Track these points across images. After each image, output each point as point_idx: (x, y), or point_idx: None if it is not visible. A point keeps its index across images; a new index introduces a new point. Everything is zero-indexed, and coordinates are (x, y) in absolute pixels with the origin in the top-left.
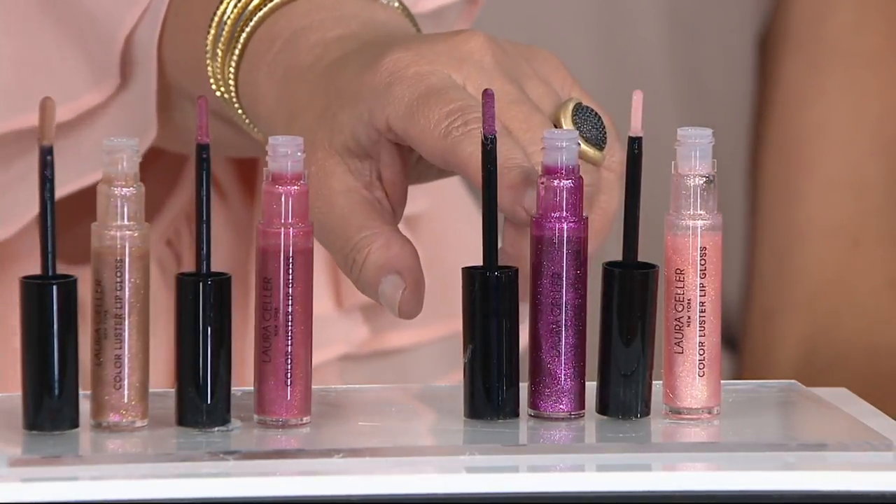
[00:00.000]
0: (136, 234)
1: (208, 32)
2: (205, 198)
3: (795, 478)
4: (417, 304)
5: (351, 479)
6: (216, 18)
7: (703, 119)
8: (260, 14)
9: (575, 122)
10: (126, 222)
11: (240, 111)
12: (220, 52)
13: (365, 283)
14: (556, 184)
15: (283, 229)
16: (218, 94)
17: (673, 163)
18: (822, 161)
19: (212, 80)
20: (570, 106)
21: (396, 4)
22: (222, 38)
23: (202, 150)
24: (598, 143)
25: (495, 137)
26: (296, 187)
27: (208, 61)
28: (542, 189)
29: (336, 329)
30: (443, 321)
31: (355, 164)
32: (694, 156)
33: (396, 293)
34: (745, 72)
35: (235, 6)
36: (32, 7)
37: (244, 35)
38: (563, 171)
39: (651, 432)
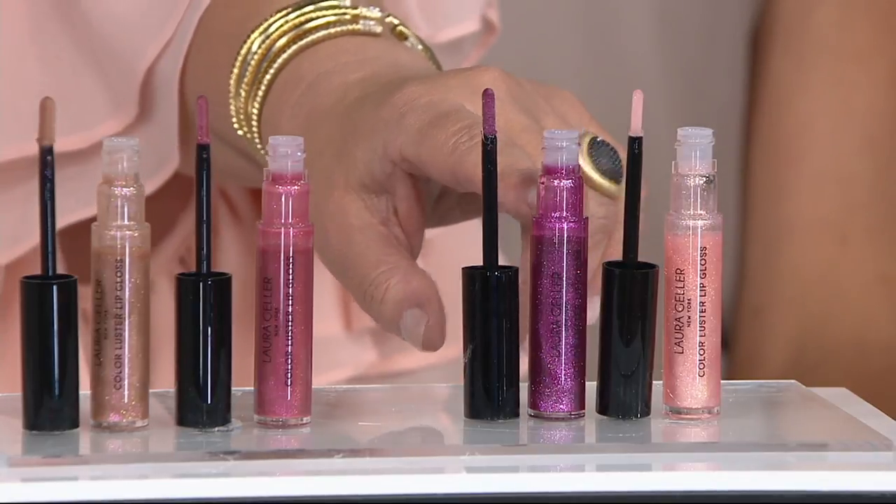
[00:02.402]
0: (136, 234)
1: (231, 71)
2: (205, 198)
3: (795, 478)
4: (440, 336)
5: (351, 479)
6: (240, 58)
7: (695, 116)
8: (284, 56)
9: (591, 156)
10: (126, 222)
11: (262, 151)
12: (243, 92)
13: (385, 319)
14: (556, 184)
15: (283, 229)
16: (241, 132)
17: (673, 163)
18: (811, 156)
19: (234, 119)
20: (587, 139)
21: (420, 47)
22: (246, 78)
23: (202, 150)
24: (616, 176)
25: (495, 138)
26: (296, 187)
27: (231, 100)
28: (542, 189)
29: (345, 352)
30: (452, 344)
31: (371, 199)
32: (694, 156)
33: (419, 327)
34: (736, 69)
35: (260, 46)
36: (52, 37)
37: (268, 76)
38: (563, 171)
39: (651, 432)
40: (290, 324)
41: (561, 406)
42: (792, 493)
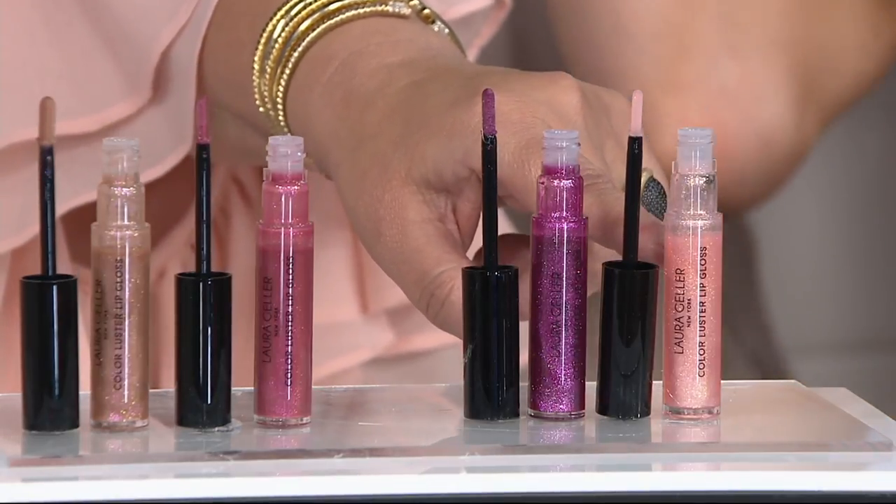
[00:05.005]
0: (136, 234)
1: (256, 49)
2: (205, 198)
3: (795, 478)
4: None
5: (351, 479)
6: (265, 36)
7: None
8: (313, 35)
9: (643, 197)
10: (126, 222)
11: (285, 129)
12: (268, 70)
13: (448, 319)
14: (556, 184)
15: (283, 229)
16: (262, 109)
17: (673, 163)
18: None
19: (256, 96)
20: (644, 178)
21: (447, 31)
22: (272, 56)
23: (202, 150)
24: (659, 216)
25: (495, 138)
26: (296, 187)
27: (255, 78)
28: (542, 189)
29: (362, 335)
30: None
31: (431, 195)
32: (694, 156)
33: None
34: None
35: (287, 24)
36: (66, 19)
37: (296, 54)
38: (563, 171)
39: (651, 432)
40: (290, 324)
41: (561, 406)
42: (792, 493)
